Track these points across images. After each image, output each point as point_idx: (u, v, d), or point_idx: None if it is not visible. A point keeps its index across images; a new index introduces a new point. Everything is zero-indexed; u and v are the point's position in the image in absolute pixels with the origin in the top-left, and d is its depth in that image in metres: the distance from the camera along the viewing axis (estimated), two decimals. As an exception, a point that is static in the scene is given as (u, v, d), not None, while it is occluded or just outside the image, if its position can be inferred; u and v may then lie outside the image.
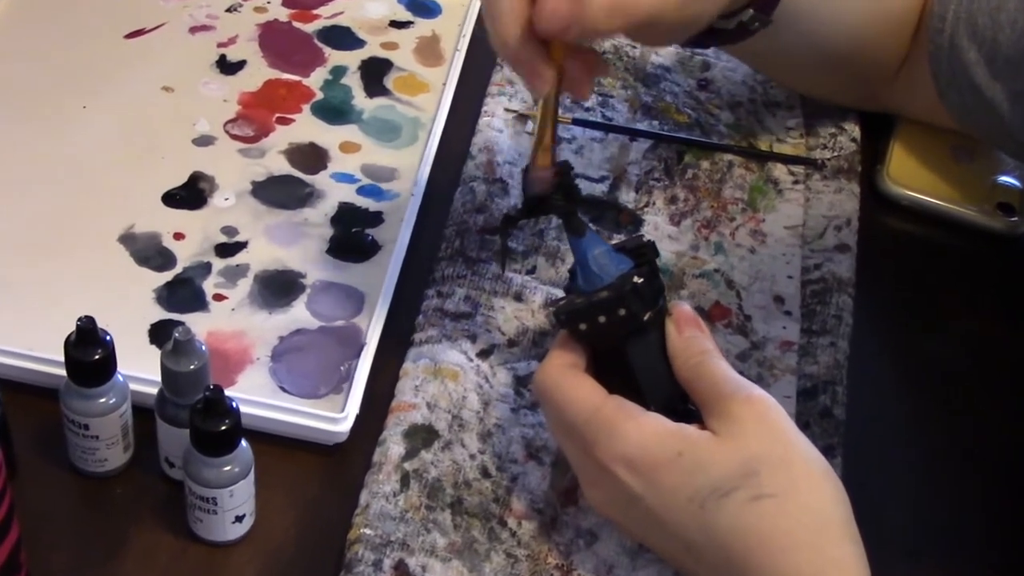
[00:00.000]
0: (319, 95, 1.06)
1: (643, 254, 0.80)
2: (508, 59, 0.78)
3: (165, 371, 0.78)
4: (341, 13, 1.13)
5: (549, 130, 0.80)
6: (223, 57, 1.08)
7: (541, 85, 0.79)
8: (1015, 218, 1.02)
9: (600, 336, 0.78)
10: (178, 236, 0.95)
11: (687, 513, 0.72)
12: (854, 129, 1.07)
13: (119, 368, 0.79)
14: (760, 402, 0.74)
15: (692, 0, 0.81)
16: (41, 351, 0.84)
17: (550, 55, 0.78)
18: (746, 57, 1.05)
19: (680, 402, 0.77)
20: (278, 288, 0.92)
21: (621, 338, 0.78)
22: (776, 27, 0.93)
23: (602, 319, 0.77)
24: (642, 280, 0.77)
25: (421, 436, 0.84)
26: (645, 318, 0.77)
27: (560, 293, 0.91)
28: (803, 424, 0.87)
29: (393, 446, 0.83)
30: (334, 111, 1.05)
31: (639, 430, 0.73)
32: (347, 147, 1.02)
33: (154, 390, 0.80)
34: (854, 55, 1.01)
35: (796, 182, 1.03)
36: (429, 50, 1.11)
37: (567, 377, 0.77)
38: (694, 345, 0.77)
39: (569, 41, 0.78)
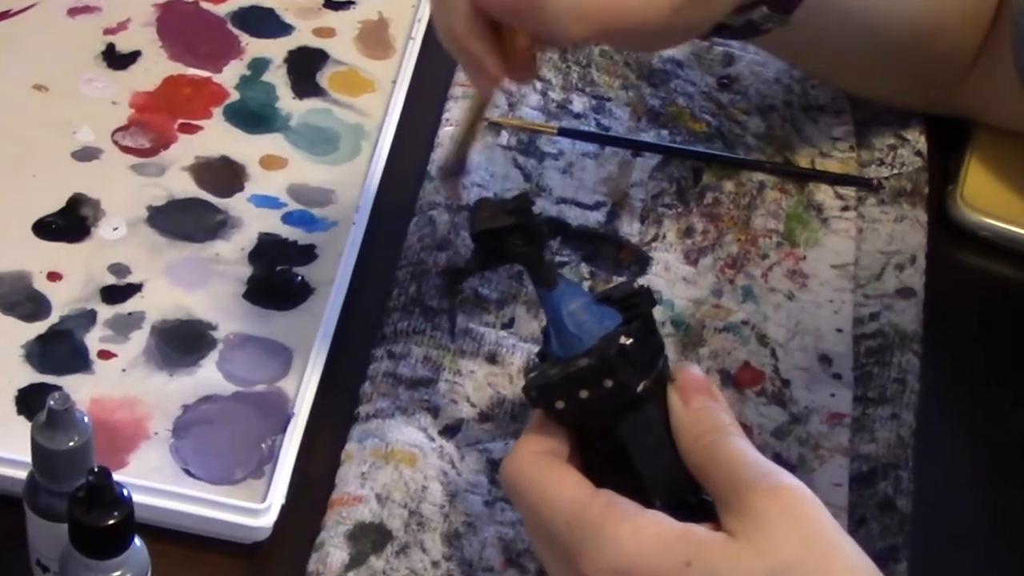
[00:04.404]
0: (234, 96, 1.07)
1: (635, 305, 0.80)
2: (452, 50, 0.83)
3: (37, 449, 0.78)
4: (262, -9, 1.15)
5: (476, 127, 0.88)
6: (111, 47, 1.09)
7: (488, 84, 0.84)
8: (1126, 254, 1.04)
9: (583, 415, 0.78)
10: (53, 276, 0.95)
11: None
12: (919, 140, 1.08)
13: (-22, 446, 0.80)
14: (790, 493, 0.74)
15: (687, 6, 0.83)
16: None
17: (502, 51, 0.82)
18: (776, 49, 1.06)
19: (691, 493, 0.78)
20: (181, 343, 0.93)
21: (610, 416, 0.78)
22: (814, 12, 0.94)
23: (584, 394, 0.77)
24: (632, 340, 0.77)
25: (370, 538, 0.84)
26: (639, 389, 0.78)
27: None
28: (858, 519, 0.87)
29: (334, 550, 0.83)
30: (253, 116, 1.06)
31: (636, 534, 0.74)
32: (270, 162, 1.03)
33: (23, 474, 0.80)
34: (917, 45, 1.03)
35: (845, 208, 1.04)
36: (375, 38, 1.12)
37: (544, 468, 0.77)
38: (705, 420, 0.78)
39: (524, 34, 0.82)
